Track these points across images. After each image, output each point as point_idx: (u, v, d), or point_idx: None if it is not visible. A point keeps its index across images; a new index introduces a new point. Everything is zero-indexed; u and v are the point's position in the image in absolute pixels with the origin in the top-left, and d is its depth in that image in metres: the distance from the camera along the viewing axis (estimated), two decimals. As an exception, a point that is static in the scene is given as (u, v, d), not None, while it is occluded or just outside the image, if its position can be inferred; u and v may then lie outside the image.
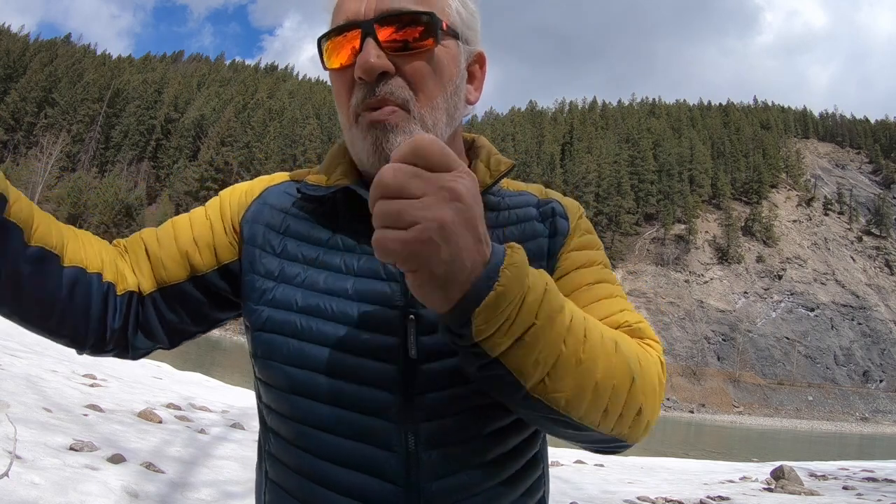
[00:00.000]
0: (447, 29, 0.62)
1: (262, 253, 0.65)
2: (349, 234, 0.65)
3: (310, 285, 0.62)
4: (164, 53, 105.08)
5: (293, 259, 0.64)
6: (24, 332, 4.51)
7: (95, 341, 0.66)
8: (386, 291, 0.61)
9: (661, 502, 5.53)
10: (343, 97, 0.63)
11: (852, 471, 8.42)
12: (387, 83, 0.59)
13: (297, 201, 0.68)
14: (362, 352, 0.59)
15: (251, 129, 69.03)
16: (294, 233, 0.66)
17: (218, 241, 0.67)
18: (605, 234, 68.83)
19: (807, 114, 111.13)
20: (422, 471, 0.58)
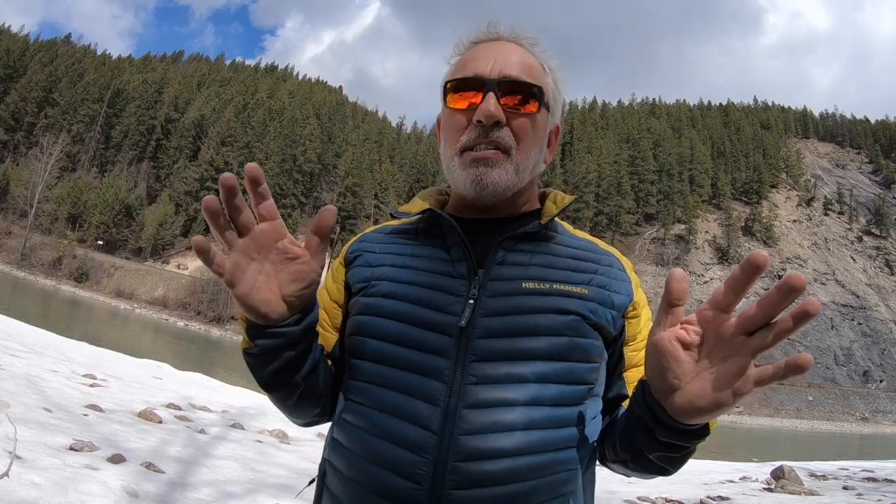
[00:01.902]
0: (545, 101, 0.82)
1: (361, 268, 0.85)
2: (431, 247, 0.83)
3: (393, 278, 0.81)
4: (164, 53, 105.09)
5: (382, 264, 0.83)
6: (24, 332, 4.55)
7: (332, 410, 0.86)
8: (454, 285, 0.78)
9: (661, 502, 5.53)
10: (454, 133, 0.81)
11: (852, 471, 8.41)
12: (499, 130, 0.77)
13: (388, 231, 0.89)
14: (427, 327, 0.76)
15: (251, 129, 69.00)
16: (385, 249, 0.85)
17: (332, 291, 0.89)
18: (606, 234, 68.80)
19: (807, 114, 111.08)
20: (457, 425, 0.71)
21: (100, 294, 48.75)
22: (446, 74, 0.85)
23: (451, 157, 0.81)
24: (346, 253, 0.90)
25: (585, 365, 0.77)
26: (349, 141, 76.93)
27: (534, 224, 0.81)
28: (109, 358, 9.23)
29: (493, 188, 0.78)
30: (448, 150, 0.82)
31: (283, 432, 5.96)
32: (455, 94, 0.80)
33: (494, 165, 0.78)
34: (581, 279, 0.81)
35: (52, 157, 55.43)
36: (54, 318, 25.60)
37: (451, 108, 0.81)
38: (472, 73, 0.79)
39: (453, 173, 0.81)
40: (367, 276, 0.83)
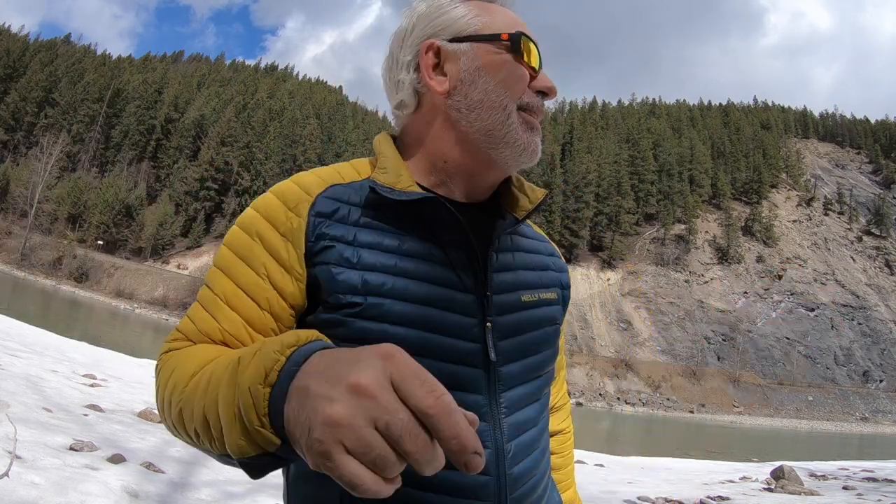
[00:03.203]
0: None
1: (339, 269, 0.63)
2: (431, 241, 0.67)
3: (397, 295, 0.63)
4: (164, 53, 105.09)
5: (373, 269, 0.63)
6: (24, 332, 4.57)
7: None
8: (466, 302, 0.66)
9: (661, 502, 5.53)
10: (518, 86, 0.69)
11: (852, 471, 8.42)
12: (543, 106, 0.72)
13: (366, 205, 0.67)
14: (453, 359, 0.64)
15: (251, 129, 69.01)
16: (365, 242, 0.65)
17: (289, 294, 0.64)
18: (606, 234, 68.80)
19: (807, 114, 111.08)
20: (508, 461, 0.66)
21: (100, 294, 48.76)
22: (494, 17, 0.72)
23: (512, 111, 0.69)
24: (304, 230, 0.65)
25: (553, 367, 0.78)
26: (349, 141, 76.94)
27: (511, 220, 0.73)
28: (109, 358, 9.23)
29: (536, 160, 0.72)
30: (509, 100, 0.69)
31: (284, 432, 5.95)
32: (528, 50, 0.70)
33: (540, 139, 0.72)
34: (549, 280, 0.79)
35: (52, 157, 55.42)
36: (54, 318, 25.60)
37: (523, 60, 0.70)
38: (533, 38, 0.71)
39: (504, 130, 0.69)
40: (357, 287, 0.62)
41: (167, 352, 0.64)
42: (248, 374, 0.43)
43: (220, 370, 0.49)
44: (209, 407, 0.48)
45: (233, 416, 0.45)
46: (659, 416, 45.16)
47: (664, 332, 60.75)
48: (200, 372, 0.53)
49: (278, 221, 0.65)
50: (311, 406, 0.36)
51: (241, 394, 0.43)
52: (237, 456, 0.45)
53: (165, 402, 0.56)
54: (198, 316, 0.64)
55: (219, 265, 0.66)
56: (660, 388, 51.46)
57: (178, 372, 0.56)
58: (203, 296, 0.66)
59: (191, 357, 0.58)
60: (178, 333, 0.65)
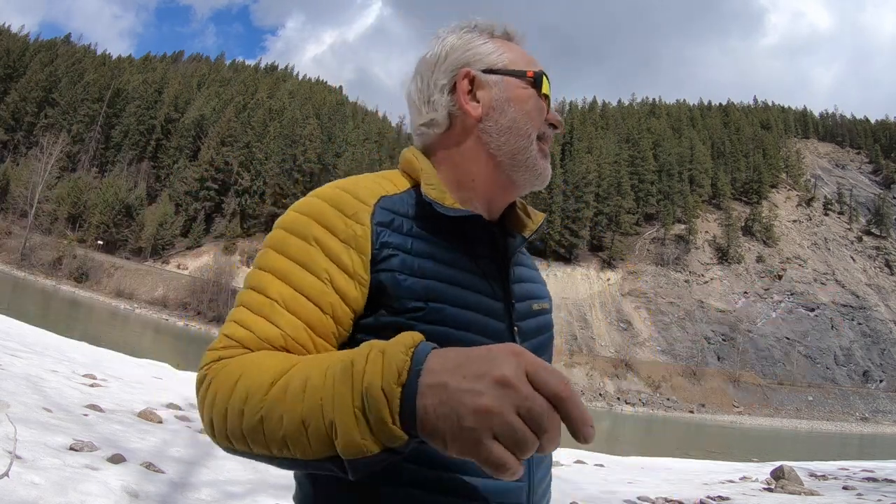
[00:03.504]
0: None
1: (403, 276, 0.68)
2: (469, 254, 0.74)
3: (453, 302, 0.69)
4: (164, 53, 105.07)
5: (433, 277, 0.69)
6: (24, 332, 4.56)
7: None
8: (498, 309, 0.74)
9: (661, 502, 5.53)
10: (538, 118, 0.79)
11: (852, 471, 8.42)
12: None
13: (415, 216, 0.72)
14: None
15: (251, 129, 69.00)
16: (421, 252, 0.70)
17: (351, 298, 0.67)
18: (606, 234, 68.80)
19: (807, 114, 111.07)
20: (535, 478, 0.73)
21: (100, 294, 48.75)
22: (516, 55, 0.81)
23: (532, 140, 0.78)
24: (370, 240, 0.68)
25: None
26: (349, 141, 76.93)
27: (521, 238, 0.82)
28: (109, 358, 9.23)
29: (545, 185, 0.81)
30: (532, 129, 0.78)
31: (284, 432, 5.95)
32: (545, 87, 0.80)
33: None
34: (544, 292, 0.88)
35: (52, 157, 55.41)
36: (54, 318, 25.59)
37: (543, 93, 0.80)
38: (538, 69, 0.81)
39: (526, 155, 0.78)
40: (420, 294, 0.68)
41: (216, 360, 0.62)
42: (378, 374, 0.46)
43: (317, 376, 0.51)
44: (311, 412, 0.49)
45: (353, 417, 0.47)
46: (659, 416, 45.15)
47: (664, 332, 60.75)
48: (283, 380, 0.53)
49: (337, 228, 0.67)
50: (458, 399, 0.43)
51: (371, 394, 0.46)
52: (353, 456, 0.47)
53: (233, 413, 0.55)
54: (253, 322, 0.64)
55: (271, 269, 0.66)
56: (660, 388, 51.46)
57: (248, 381, 0.56)
58: (254, 301, 0.65)
59: (258, 365, 0.57)
60: (230, 341, 0.63)
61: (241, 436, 0.55)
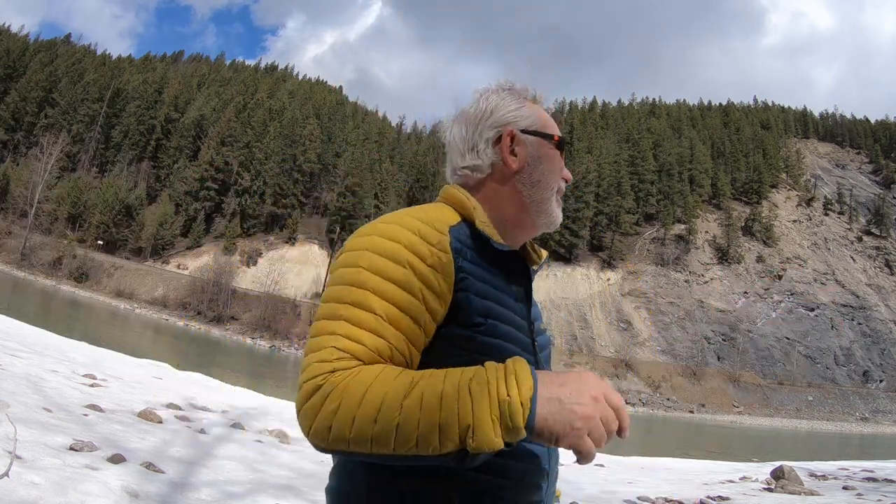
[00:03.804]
0: None
1: (473, 297, 0.83)
2: (509, 281, 0.91)
3: (503, 320, 0.86)
4: (164, 53, 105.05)
5: (490, 299, 0.85)
6: (24, 332, 4.55)
7: None
8: (525, 326, 0.91)
9: (661, 502, 5.53)
10: (556, 174, 0.99)
11: (852, 471, 8.42)
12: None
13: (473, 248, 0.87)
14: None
15: (251, 129, 68.96)
16: (481, 277, 0.86)
17: (436, 313, 0.81)
18: (606, 234, 68.79)
19: (807, 114, 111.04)
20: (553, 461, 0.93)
21: (100, 294, 48.74)
22: (541, 119, 0.99)
23: (553, 192, 0.98)
24: (453, 266, 0.83)
25: None
26: (349, 141, 76.91)
27: (534, 270, 1.00)
28: (109, 358, 9.23)
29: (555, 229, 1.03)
30: (554, 182, 0.98)
31: (284, 432, 5.96)
32: (563, 146, 1.00)
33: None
34: (540, 314, 1.05)
35: (52, 157, 55.37)
36: (54, 318, 25.58)
37: (561, 156, 0.99)
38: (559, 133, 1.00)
39: (548, 205, 0.97)
40: (485, 312, 0.84)
41: (331, 371, 0.72)
42: (516, 390, 0.67)
43: (450, 391, 0.67)
44: (448, 418, 0.66)
45: (490, 422, 0.65)
46: (659, 416, 45.12)
47: (664, 332, 60.73)
48: (415, 393, 0.68)
49: (424, 255, 0.81)
50: (570, 409, 0.67)
51: (511, 405, 0.66)
52: (488, 450, 0.66)
53: (364, 420, 0.68)
54: (362, 336, 0.75)
55: (372, 288, 0.78)
56: (660, 388, 51.45)
57: (379, 393, 0.68)
58: (360, 317, 0.76)
59: (384, 381, 0.70)
60: (343, 353, 0.74)
61: (366, 439, 0.68)
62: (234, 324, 47.17)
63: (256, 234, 63.25)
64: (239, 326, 46.94)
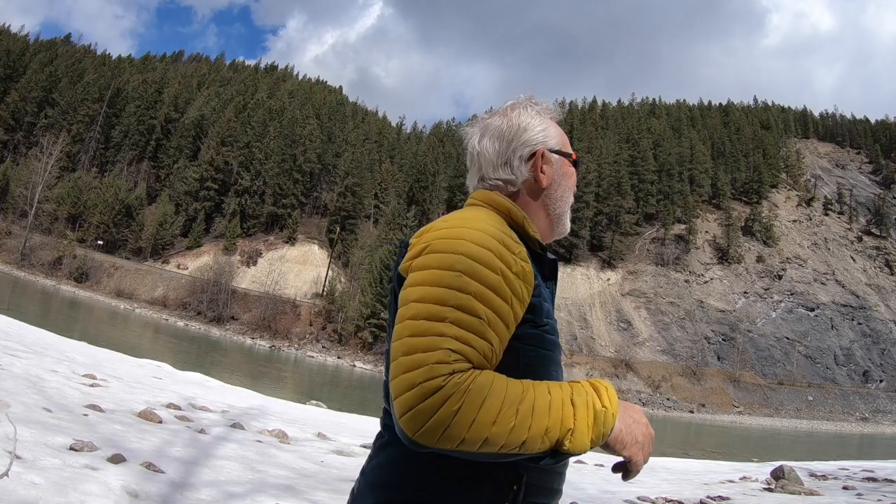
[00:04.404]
0: None
1: (542, 301, 0.94)
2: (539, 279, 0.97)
3: (552, 317, 0.97)
4: (164, 53, 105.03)
5: (548, 301, 0.97)
6: (24, 332, 4.55)
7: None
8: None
9: (661, 502, 5.53)
10: (572, 189, 1.11)
11: (852, 471, 8.42)
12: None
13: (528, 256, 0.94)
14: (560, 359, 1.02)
15: (251, 129, 68.94)
16: (542, 283, 0.97)
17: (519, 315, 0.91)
18: (606, 234, 68.79)
19: (807, 114, 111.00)
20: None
21: (100, 294, 48.74)
22: (559, 138, 1.10)
23: (570, 205, 1.10)
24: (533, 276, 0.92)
25: None
26: (349, 141, 76.89)
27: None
28: (109, 358, 9.23)
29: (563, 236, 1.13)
30: (570, 198, 1.10)
31: (283, 432, 5.96)
32: (578, 164, 1.12)
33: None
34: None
35: (52, 157, 55.37)
36: (54, 318, 25.60)
37: (575, 171, 1.12)
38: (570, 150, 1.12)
39: (566, 217, 1.09)
40: (548, 313, 0.95)
41: (450, 373, 0.78)
42: (609, 405, 0.83)
43: (557, 401, 0.81)
44: (553, 424, 0.79)
45: (587, 428, 0.80)
46: (659, 416, 45.13)
47: (664, 332, 60.73)
48: (527, 401, 0.79)
49: (510, 263, 0.88)
50: (635, 427, 0.86)
51: (606, 416, 0.82)
52: (580, 451, 0.80)
53: (483, 423, 0.76)
54: (472, 339, 0.81)
55: (474, 293, 0.83)
56: (660, 388, 51.45)
57: (497, 400, 0.78)
58: (468, 321, 0.82)
59: (500, 388, 0.79)
60: (458, 356, 0.80)
61: (479, 440, 0.76)
62: (233, 324, 47.17)
63: (256, 234, 63.23)
64: (239, 326, 46.94)
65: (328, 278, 53.28)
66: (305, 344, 45.81)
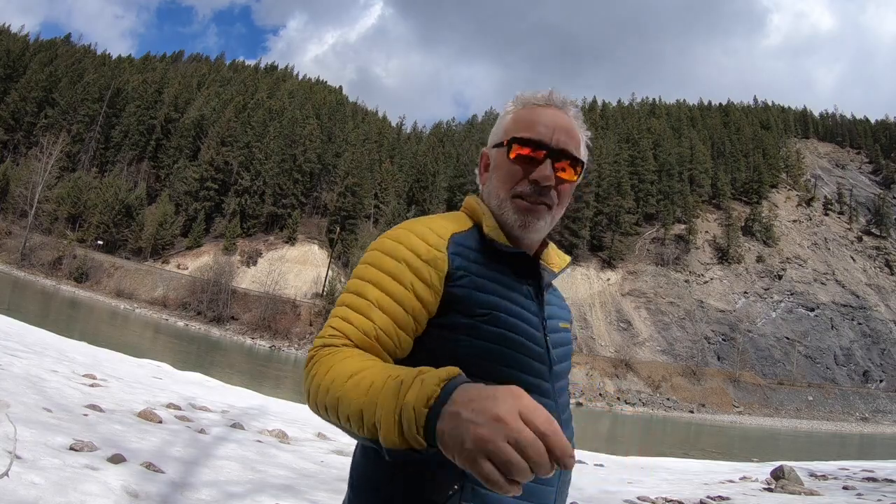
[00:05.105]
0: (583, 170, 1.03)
1: (474, 292, 0.90)
2: (517, 279, 0.96)
3: (509, 312, 0.91)
4: (164, 53, 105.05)
5: (493, 293, 0.91)
6: (24, 332, 4.56)
7: None
8: (536, 322, 0.95)
9: (661, 502, 5.53)
10: (510, 181, 0.97)
11: (852, 471, 8.43)
12: (549, 192, 0.96)
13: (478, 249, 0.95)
14: (534, 356, 0.92)
15: (251, 129, 68.97)
16: (485, 275, 0.92)
17: (428, 304, 0.88)
18: (606, 234, 68.80)
19: (807, 114, 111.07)
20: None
21: (100, 294, 48.74)
22: (508, 123, 1.01)
23: (504, 199, 0.97)
24: (447, 263, 0.90)
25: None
26: (349, 141, 76.91)
27: (552, 273, 1.02)
28: (109, 358, 9.22)
29: (534, 234, 0.99)
30: (502, 192, 0.98)
31: (283, 432, 5.96)
32: (518, 148, 0.96)
33: (539, 218, 0.97)
34: (567, 315, 1.09)
35: (52, 157, 55.39)
36: (54, 318, 25.60)
37: (512, 158, 0.97)
38: (536, 136, 0.96)
39: (504, 212, 0.98)
40: (488, 304, 0.90)
41: (322, 346, 0.82)
42: (414, 396, 0.64)
43: (379, 381, 0.70)
44: (367, 406, 0.68)
45: (392, 420, 0.65)
46: (659, 416, 45.14)
47: (664, 332, 60.74)
48: (359, 375, 0.73)
49: (420, 251, 0.89)
50: (464, 427, 0.58)
51: (405, 409, 0.64)
52: (393, 447, 0.66)
53: (322, 389, 0.76)
54: (354, 318, 0.85)
55: (369, 279, 0.88)
56: (660, 388, 51.45)
57: (337, 368, 0.76)
58: (355, 302, 0.87)
59: (349, 359, 0.78)
60: (335, 331, 0.84)
61: (324, 407, 0.76)
62: (233, 324, 47.17)
63: (256, 234, 63.25)
64: (239, 326, 46.95)
65: (328, 278, 53.30)
66: (305, 344, 45.80)
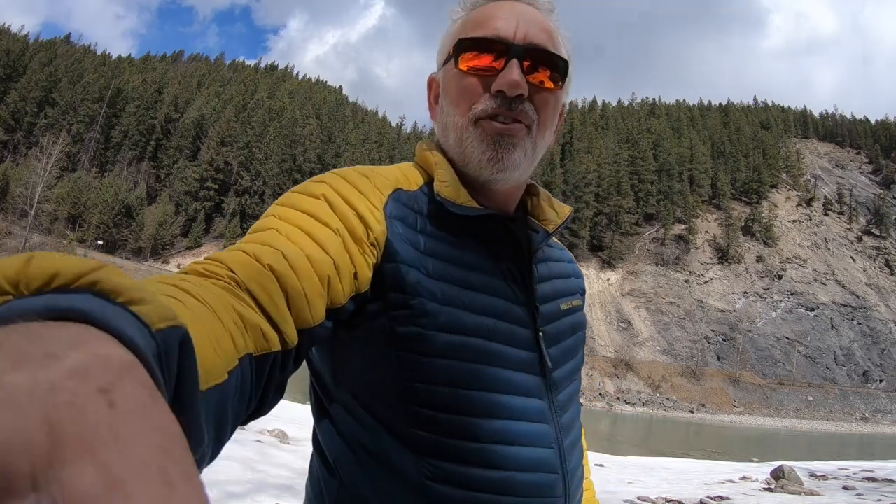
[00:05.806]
0: (567, 77, 0.70)
1: (410, 270, 0.61)
2: (489, 255, 0.68)
3: (472, 308, 0.63)
4: (164, 53, 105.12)
5: (445, 280, 0.63)
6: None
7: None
8: (520, 314, 0.67)
9: (661, 502, 5.54)
10: (466, 99, 0.66)
11: (852, 471, 8.43)
12: (521, 104, 0.65)
13: (428, 215, 0.67)
14: (516, 367, 0.65)
15: (251, 129, 69.04)
16: (432, 251, 0.64)
17: (357, 263, 0.58)
18: (605, 234, 68.83)
19: (807, 114, 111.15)
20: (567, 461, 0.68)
21: (100, 294, 48.74)
22: (456, 30, 0.71)
23: (465, 127, 0.67)
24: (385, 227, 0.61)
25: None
26: (349, 141, 76.98)
27: (544, 233, 0.75)
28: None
29: (512, 171, 0.67)
30: (458, 117, 0.67)
31: (283, 432, 5.97)
32: (470, 54, 0.66)
33: (516, 145, 0.66)
34: (575, 287, 0.81)
35: (52, 157, 55.37)
36: (54, 318, 25.50)
37: (465, 69, 0.67)
38: (493, 33, 0.66)
39: (467, 145, 0.67)
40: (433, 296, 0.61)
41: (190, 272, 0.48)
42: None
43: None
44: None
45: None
46: (659, 416, 45.16)
47: (664, 332, 60.76)
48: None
49: (354, 199, 0.61)
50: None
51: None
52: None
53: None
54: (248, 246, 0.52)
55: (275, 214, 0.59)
56: (660, 388, 51.48)
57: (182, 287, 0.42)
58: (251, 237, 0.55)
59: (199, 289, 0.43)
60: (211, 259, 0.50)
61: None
62: (234, 324, 47.24)
63: (256, 234, 63.30)
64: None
65: (328, 278, 53.37)
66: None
